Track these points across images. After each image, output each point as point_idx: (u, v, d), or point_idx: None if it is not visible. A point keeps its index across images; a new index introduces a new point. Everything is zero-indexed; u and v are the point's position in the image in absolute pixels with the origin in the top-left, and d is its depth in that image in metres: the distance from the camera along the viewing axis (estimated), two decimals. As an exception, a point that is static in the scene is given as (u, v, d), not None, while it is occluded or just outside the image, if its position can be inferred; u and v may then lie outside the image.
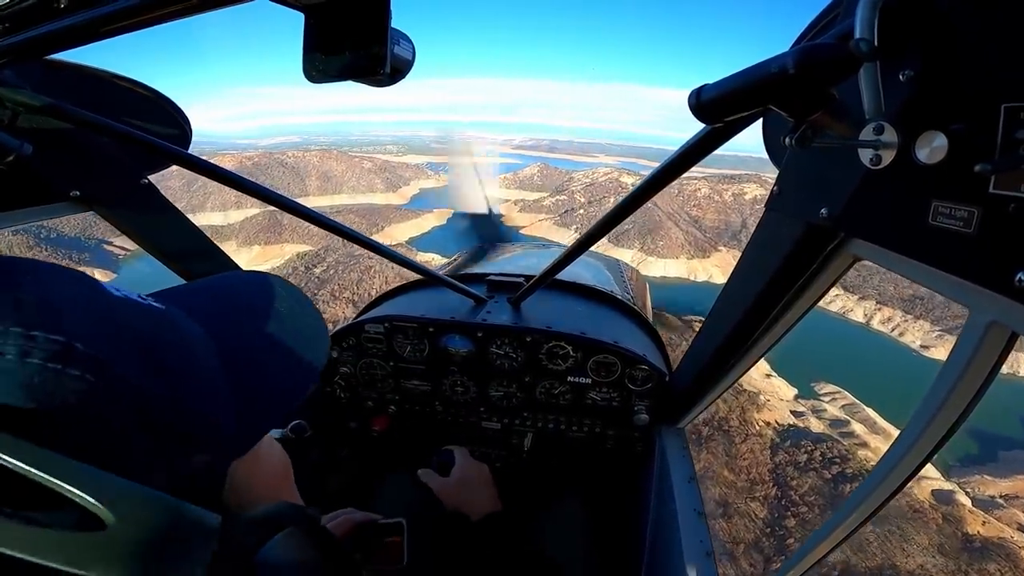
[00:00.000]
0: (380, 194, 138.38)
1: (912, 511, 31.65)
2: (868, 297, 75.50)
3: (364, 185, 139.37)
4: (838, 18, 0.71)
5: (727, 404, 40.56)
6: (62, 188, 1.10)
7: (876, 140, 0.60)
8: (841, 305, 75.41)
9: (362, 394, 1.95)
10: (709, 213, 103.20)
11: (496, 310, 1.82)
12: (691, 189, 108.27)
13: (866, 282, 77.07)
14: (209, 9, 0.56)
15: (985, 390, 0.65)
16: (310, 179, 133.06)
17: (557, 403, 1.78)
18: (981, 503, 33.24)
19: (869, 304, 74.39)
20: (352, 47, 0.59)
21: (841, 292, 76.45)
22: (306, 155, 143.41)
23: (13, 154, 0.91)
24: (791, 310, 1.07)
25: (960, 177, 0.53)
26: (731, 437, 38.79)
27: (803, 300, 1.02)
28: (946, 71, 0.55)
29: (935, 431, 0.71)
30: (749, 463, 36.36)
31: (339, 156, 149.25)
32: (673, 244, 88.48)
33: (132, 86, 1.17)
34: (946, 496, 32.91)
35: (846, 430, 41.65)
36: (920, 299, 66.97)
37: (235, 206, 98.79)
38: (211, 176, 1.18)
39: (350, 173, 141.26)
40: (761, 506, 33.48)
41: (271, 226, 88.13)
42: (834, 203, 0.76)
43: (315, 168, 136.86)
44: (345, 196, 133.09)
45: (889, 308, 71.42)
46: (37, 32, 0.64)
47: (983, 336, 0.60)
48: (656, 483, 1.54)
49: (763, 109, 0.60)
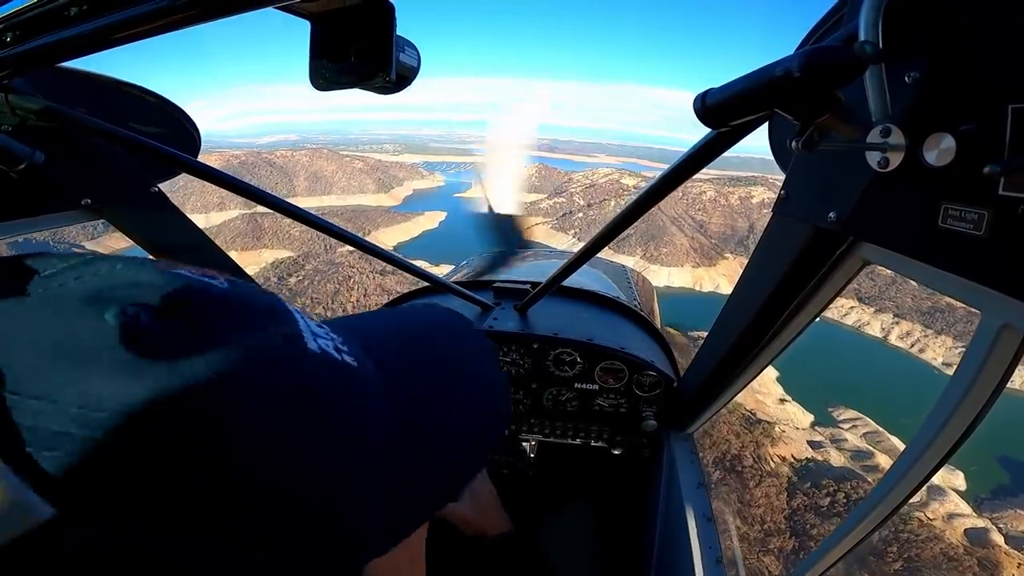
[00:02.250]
0: (371, 195, 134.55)
1: (947, 559, 28.47)
2: (885, 310, 71.06)
3: (355, 186, 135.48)
4: (843, 20, 0.70)
5: (740, 440, 37.78)
6: (73, 196, 1.10)
7: (883, 143, 0.59)
8: (856, 318, 71.10)
9: None
10: (715, 217, 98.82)
11: (503, 317, 1.82)
12: (696, 192, 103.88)
13: (882, 293, 72.95)
14: (218, 17, 0.57)
15: (999, 393, 0.65)
16: (298, 179, 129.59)
17: (564, 410, 1.76)
18: (1014, 540, 30.91)
19: (886, 317, 70.03)
20: (358, 55, 0.60)
21: (856, 304, 72.53)
22: (295, 154, 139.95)
23: (25, 162, 0.92)
24: (800, 315, 1.06)
25: (969, 179, 0.52)
26: (744, 480, 34.80)
27: (812, 305, 1.02)
28: (952, 72, 0.55)
29: (949, 435, 0.70)
30: (764, 510, 32.70)
31: (329, 155, 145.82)
32: (677, 251, 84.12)
33: (141, 94, 1.17)
34: (979, 535, 30.68)
35: (870, 463, 38.59)
36: (941, 312, 62.75)
37: (217, 208, 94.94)
38: (223, 185, 1.18)
39: (340, 173, 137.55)
40: (776, 561, 30.05)
41: (251, 231, 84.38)
42: (842, 207, 0.75)
43: (304, 168, 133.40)
44: (334, 197, 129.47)
45: (908, 322, 67.15)
46: (47, 40, 0.64)
47: (995, 339, 0.60)
48: (664, 489, 1.54)
49: (769, 113, 0.60)
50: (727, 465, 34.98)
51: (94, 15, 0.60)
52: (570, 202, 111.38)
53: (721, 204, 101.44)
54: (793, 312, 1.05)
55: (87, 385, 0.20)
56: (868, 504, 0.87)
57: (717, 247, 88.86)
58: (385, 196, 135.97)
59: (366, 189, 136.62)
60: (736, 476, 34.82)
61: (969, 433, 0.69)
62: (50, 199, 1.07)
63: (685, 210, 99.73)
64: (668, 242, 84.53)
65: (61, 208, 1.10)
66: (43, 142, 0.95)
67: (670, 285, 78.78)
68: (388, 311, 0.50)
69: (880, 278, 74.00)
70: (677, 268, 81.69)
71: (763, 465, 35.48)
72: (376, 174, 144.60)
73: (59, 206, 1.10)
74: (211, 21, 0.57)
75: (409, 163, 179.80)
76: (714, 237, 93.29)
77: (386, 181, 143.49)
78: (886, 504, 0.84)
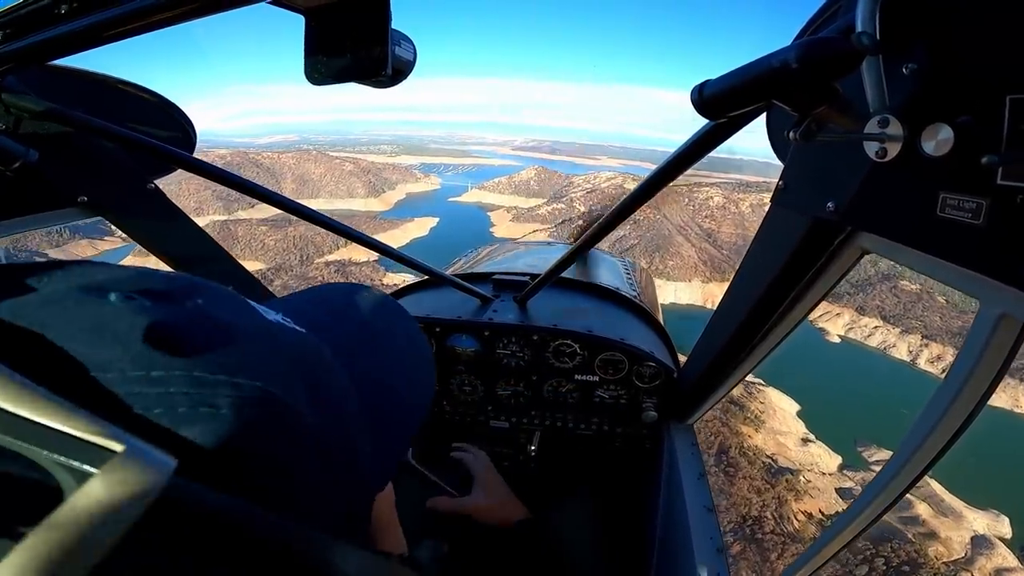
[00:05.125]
0: (360, 199, 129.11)
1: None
2: (912, 330, 64.87)
3: (343, 190, 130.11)
4: (840, 11, 0.71)
5: (761, 498, 32.17)
6: (69, 194, 1.10)
7: (881, 133, 0.60)
8: (881, 339, 64.92)
9: None
10: (725, 226, 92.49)
11: (502, 309, 1.82)
12: (703, 197, 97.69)
13: (908, 311, 66.89)
14: (211, 13, 0.56)
15: (998, 383, 0.65)
16: (285, 181, 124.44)
17: (565, 401, 1.78)
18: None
19: (914, 338, 63.88)
20: (353, 49, 0.59)
21: (880, 323, 66.40)
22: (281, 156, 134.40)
23: (19, 161, 0.92)
24: (799, 305, 1.08)
25: (967, 169, 0.53)
26: (765, 550, 28.91)
27: (811, 295, 1.03)
28: (950, 63, 0.55)
29: (946, 427, 0.71)
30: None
31: (318, 157, 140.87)
32: (685, 264, 78.00)
33: (136, 91, 1.17)
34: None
35: (908, 514, 33.12)
36: (973, 332, 56.06)
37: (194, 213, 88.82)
38: (218, 180, 1.19)
39: (329, 176, 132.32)
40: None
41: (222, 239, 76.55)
42: (840, 197, 0.76)
43: (291, 170, 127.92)
44: (322, 201, 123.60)
45: (938, 344, 61.12)
46: (39, 37, 0.64)
47: (994, 328, 0.60)
48: (665, 480, 1.55)
49: (766, 104, 0.59)
50: (746, 533, 29.61)
51: (85, 12, 0.60)
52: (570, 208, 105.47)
53: (732, 212, 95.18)
54: (792, 302, 1.06)
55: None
56: (867, 496, 0.86)
57: (729, 259, 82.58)
58: (375, 201, 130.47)
59: (355, 193, 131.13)
60: (757, 546, 29.18)
61: (967, 425, 0.69)
62: (46, 197, 1.07)
63: (692, 217, 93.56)
64: (675, 254, 78.62)
65: (57, 206, 1.09)
66: (37, 140, 0.95)
67: (676, 302, 72.53)
68: (315, 291, 0.52)
69: (904, 294, 68.08)
70: (685, 283, 75.65)
71: (785, 526, 30.40)
72: (367, 177, 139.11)
73: (55, 204, 1.09)
74: (203, 17, 0.57)
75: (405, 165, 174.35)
76: (725, 248, 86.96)
77: (377, 184, 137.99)
78: (884, 497, 0.83)
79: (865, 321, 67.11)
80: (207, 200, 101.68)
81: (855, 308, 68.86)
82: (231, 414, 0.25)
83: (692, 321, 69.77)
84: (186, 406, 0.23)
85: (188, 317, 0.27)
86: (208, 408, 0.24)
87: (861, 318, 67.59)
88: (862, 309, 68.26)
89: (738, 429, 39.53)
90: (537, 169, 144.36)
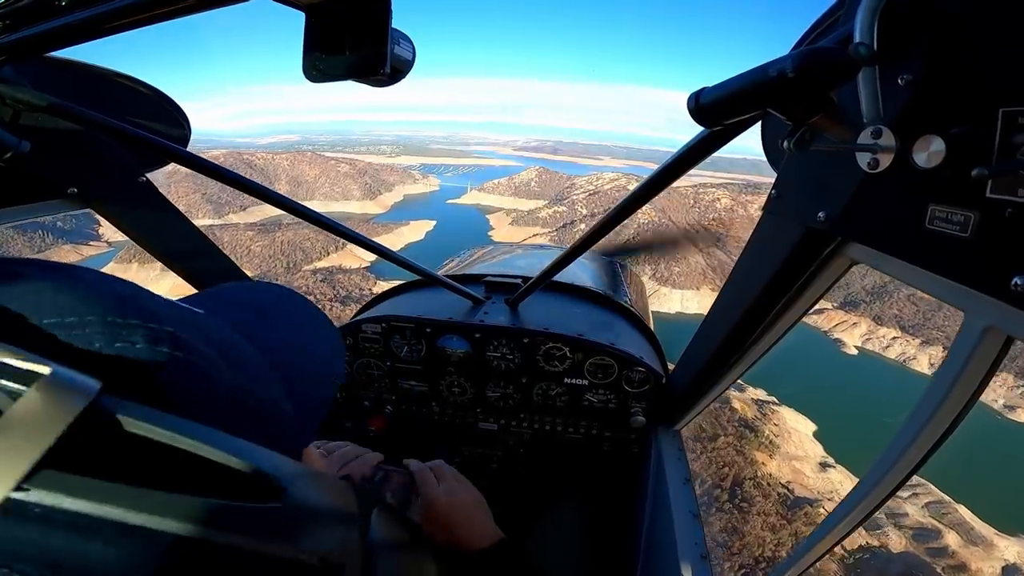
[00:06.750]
0: (356, 202, 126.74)
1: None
2: (933, 341, 61.28)
3: (338, 192, 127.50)
4: (838, 22, 0.71)
5: (776, 536, 29.13)
6: (60, 185, 1.11)
7: (874, 144, 0.60)
8: (900, 351, 61.35)
9: (359, 394, 1.95)
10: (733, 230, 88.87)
11: (494, 311, 1.81)
12: (709, 199, 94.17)
13: (928, 321, 63.29)
14: (208, 8, 0.57)
15: (979, 395, 0.66)
16: (279, 184, 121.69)
17: (554, 404, 1.78)
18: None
19: (935, 350, 60.32)
20: (352, 47, 0.59)
21: (899, 334, 62.78)
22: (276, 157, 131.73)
23: (11, 151, 0.93)
24: (788, 314, 1.08)
25: (957, 181, 0.53)
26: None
27: (800, 304, 1.04)
28: (944, 76, 0.56)
29: (929, 436, 0.72)
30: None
31: (312, 158, 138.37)
32: (692, 270, 74.55)
33: (132, 84, 1.18)
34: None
35: (936, 545, 30.38)
36: (998, 344, 52.29)
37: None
38: (211, 175, 1.18)
39: (324, 178, 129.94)
40: None
41: (207, 244, 75.23)
42: (832, 207, 0.76)
43: (285, 172, 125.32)
44: (316, 203, 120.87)
45: (961, 355, 56.89)
46: (37, 29, 0.64)
47: (979, 341, 0.60)
48: (652, 485, 1.56)
49: (762, 112, 0.60)
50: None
51: (85, 5, 0.60)
52: (572, 211, 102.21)
53: (739, 214, 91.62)
54: (781, 311, 1.07)
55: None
56: (847, 506, 0.88)
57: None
58: (371, 203, 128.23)
59: (351, 195, 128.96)
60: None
61: (948, 434, 0.70)
62: (36, 188, 1.08)
63: (698, 219, 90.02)
64: (681, 259, 74.90)
65: (47, 197, 1.10)
66: (30, 131, 0.96)
67: (683, 311, 69.06)
68: (220, 288, 0.54)
69: (923, 302, 64.50)
70: (692, 291, 72.26)
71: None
72: (364, 179, 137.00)
73: (45, 195, 1.10)
74: (202, 11, 0.57)
75: (404, 166, 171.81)
76: (734, 253, 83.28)
77: (374, 186, 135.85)
78: (864, 505, 0.85)
79: (883, 332, 63.47)
80: (196, 203, 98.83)
81: (872, 317, 65.34)
82: (147, 347, 0.28)
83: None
84: (102, 342, 0.27)
85: (100, 289, 0.30)
86: (125, 343, 0.27)
87: (879, 328, 63.96)
88: (879, 319, 64.73)
89: (752, 456, 36.32)
90: (538, 170, 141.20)
